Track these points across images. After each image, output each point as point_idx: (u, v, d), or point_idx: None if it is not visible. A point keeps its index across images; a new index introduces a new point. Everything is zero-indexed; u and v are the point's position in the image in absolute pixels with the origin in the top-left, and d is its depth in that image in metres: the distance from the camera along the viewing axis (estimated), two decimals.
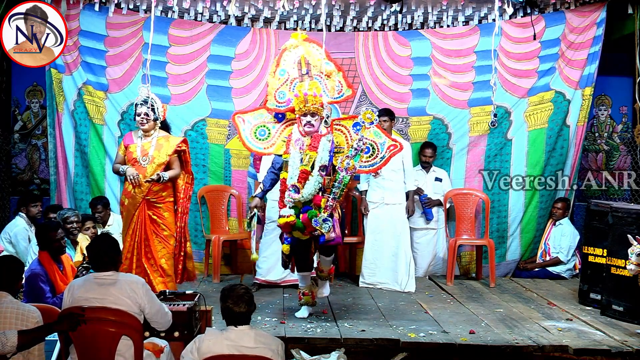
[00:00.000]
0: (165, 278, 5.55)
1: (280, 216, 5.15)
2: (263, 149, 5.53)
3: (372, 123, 5.21)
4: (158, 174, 5.46)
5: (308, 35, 5.56)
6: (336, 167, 5.15)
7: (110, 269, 3.75)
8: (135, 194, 5.51)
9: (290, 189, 5.14)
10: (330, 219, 5.05)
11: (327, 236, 5.10)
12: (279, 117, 5.49)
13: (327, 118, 5.30)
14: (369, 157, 5.31)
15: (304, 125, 5.24)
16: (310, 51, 5.40)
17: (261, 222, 6.54)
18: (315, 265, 5.59)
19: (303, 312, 5.56)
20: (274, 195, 6.35)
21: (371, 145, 5.30)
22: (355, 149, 5.16)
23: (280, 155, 5.37)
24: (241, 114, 5.63)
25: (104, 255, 3.77)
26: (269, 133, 5.50)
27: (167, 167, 5.59)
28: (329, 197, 5.10)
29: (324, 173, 5.12)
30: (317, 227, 5.02)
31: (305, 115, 5.23)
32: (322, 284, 5.66)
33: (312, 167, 5.15)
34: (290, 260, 5.41)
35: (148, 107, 5.55)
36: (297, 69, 5.41)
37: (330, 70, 5.35)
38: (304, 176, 5.13)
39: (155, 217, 5.56)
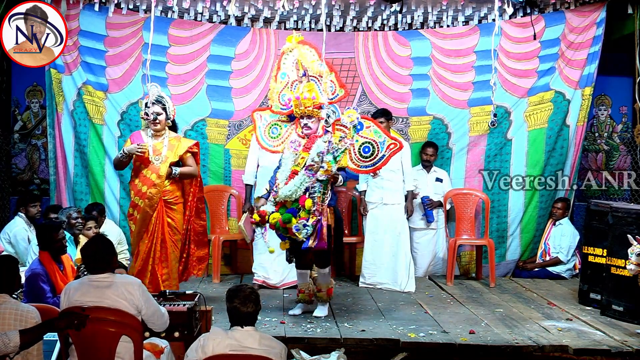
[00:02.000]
0: (171, 282, 5.58)
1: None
2: (273, 147, 5.66)
3: (354, 124, 5.23)
4: (170, 168, 5.50)
5: (304, 37, 5.60)
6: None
7: (105, 271, 3.72)
8: (152, 194, 5.48)
9: (275, 188, 5.27)
10: (309, 224, 5.06)
11: (310, 243, 5.12)
12: (292, 116, 5.58)
13: (328, 118, 5.33)
14: (369, 156, 5.33)
15: (302, 127, 5.35)
16: (304, 53, 5.45)
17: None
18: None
19: (296, 309, 5.63)
20: (261, 193, 6.40)
21: (371, 144, 5.32)
22: (328, 150, 5.20)
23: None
24: (260, 111, 5.77)
25: (100, 258, 3.74)
26: (280, 132, 5.61)
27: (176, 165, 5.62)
28: (312, 200, 5.13)
29: (311, 172, 5.17)
30: (296, 233, 5.09)
31: (302, 117, 5.32)
32: (319, 306, 5.62)
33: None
34: (292, 256, 5.52)
35: (161, 107, 5.56)
36: (295, 71, 5.47)
37: (322, 71, 5.39)
38: (293, 176, 5.23)
39: (169, 220, 5.56)
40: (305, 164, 5.24)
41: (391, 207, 6.65)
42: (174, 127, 5.81)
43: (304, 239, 5.10)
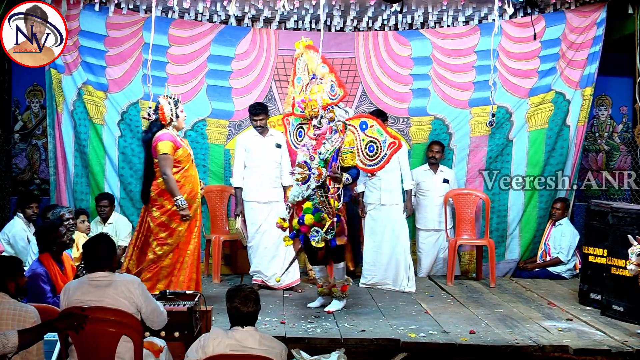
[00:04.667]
0: None
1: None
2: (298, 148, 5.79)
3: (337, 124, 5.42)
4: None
5: (312, 41, 5.67)
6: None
7: (105, 270, 3.72)
8: (198, 191, 5.53)
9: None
10: (320, 229, 5.23)
11: (339, 240, 5.38)
12: None
13: (322, 119, 5.41)
14: (374, 155, 5.42)
15: (313, 128, 5.47)
16: (311, 57, 5.56)
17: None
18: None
19: (315, 302, 5.82)
20: (251, 197, 6.43)
21: (375, 143, 5.43)
22: (320, 157, 5.34)
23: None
24: (287, 116, 5.86)
25: (101, 256, 3.73)
26: (304, 134, 5.71)
27: None
28: (316, 208, 5.28)
29: (300, 183, 5.38)
30: (312, 242, 5.28)
31: (312, 119, 5.45)
32: (334, 301, 5.74)
33: None
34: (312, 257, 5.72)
35: None
36: (306, 75, 5.61)
37: (324, 72, 5.48)
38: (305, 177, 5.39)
39: None
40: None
41: (389, 208, 6.63)
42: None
43: (318, 245, 5.28)
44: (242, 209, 6.54)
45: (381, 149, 5.43)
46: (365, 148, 5.45)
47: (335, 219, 5.29)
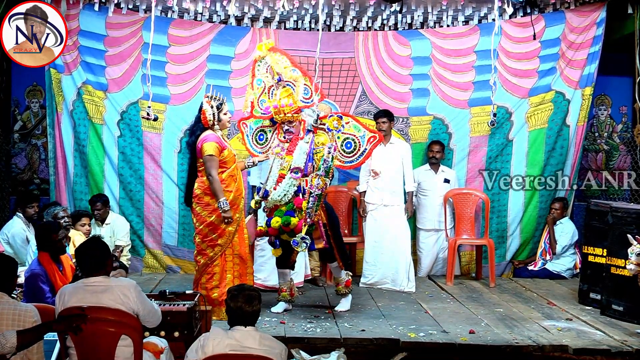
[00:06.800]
0: None
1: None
2: (262, 153, 5.79)
3: (338, 130, 5.39)
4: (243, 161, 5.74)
5: (274, 43, 5.79)
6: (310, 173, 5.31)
7: (99, 274, 3.68)
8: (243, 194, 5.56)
9: (263, 193, 5.42)
10: (307, 237, 5.20)
11: (317, 244, 5.31)
12: (273, 120, 5.68)
13: (317, 116, 5.40)
14: (352, 151, 5.41)
15: (284, 133, 5.48)
16: (277, 60, 5.57)
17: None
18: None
19: (278, 307, 5.69)
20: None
21: (352, 139, 5.40)
22: (324, 166, 5.31)
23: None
24: (245, 120, 5.85)
25: (95, 261, 3.69)
26: (267, 137, 5.75)
27: None
28: (307, 212, 5.22)
29: (297, 175, 5.28)
30: (294, 247, 5.24)
31: (283, 123, 5.47)
32: (341, 300, 5.76)
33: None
34: (284, 260, 5.61)
35: None
36: (270, 78, 5.60)
37: (296, 76, 5.48)
38: (281, 180, 5.34)
39: None
40: (290, 167, 5.33)
41: (391, 209, 6.64)
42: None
43: (304, 251, 5.30)
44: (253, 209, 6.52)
45: (360, 144, 5.40)
46: (342, 145, 5.42)
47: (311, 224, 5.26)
